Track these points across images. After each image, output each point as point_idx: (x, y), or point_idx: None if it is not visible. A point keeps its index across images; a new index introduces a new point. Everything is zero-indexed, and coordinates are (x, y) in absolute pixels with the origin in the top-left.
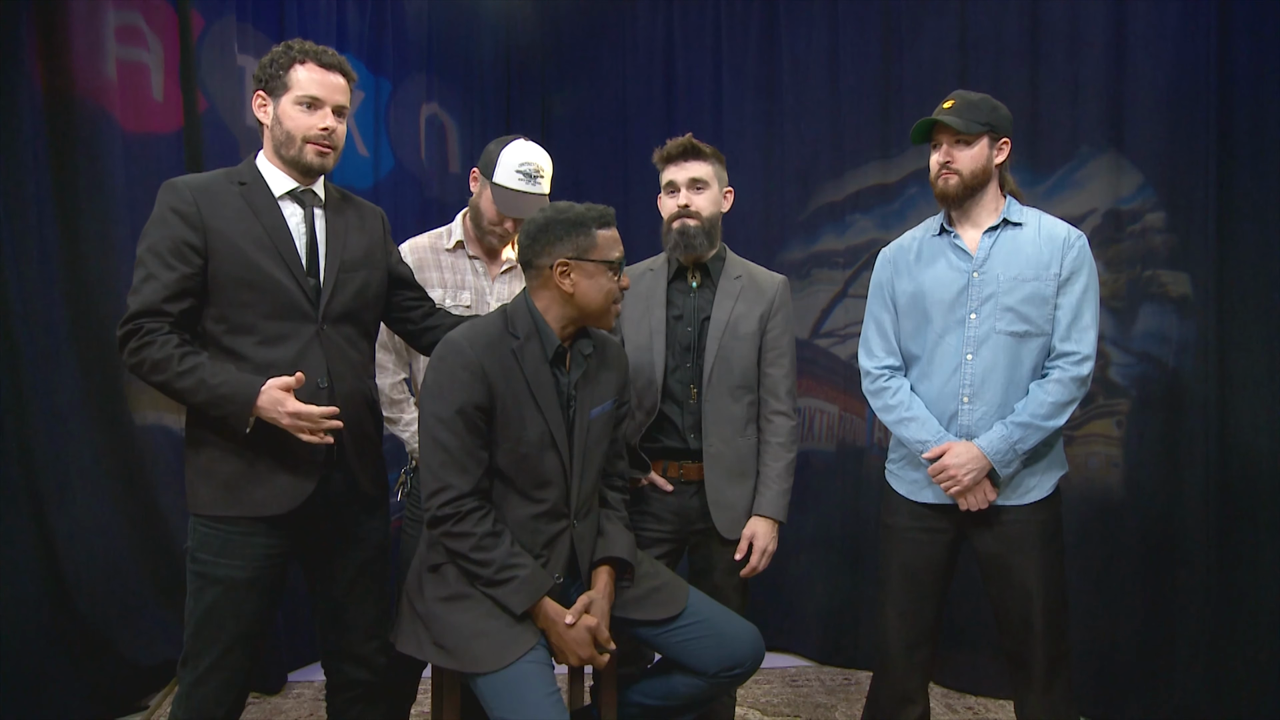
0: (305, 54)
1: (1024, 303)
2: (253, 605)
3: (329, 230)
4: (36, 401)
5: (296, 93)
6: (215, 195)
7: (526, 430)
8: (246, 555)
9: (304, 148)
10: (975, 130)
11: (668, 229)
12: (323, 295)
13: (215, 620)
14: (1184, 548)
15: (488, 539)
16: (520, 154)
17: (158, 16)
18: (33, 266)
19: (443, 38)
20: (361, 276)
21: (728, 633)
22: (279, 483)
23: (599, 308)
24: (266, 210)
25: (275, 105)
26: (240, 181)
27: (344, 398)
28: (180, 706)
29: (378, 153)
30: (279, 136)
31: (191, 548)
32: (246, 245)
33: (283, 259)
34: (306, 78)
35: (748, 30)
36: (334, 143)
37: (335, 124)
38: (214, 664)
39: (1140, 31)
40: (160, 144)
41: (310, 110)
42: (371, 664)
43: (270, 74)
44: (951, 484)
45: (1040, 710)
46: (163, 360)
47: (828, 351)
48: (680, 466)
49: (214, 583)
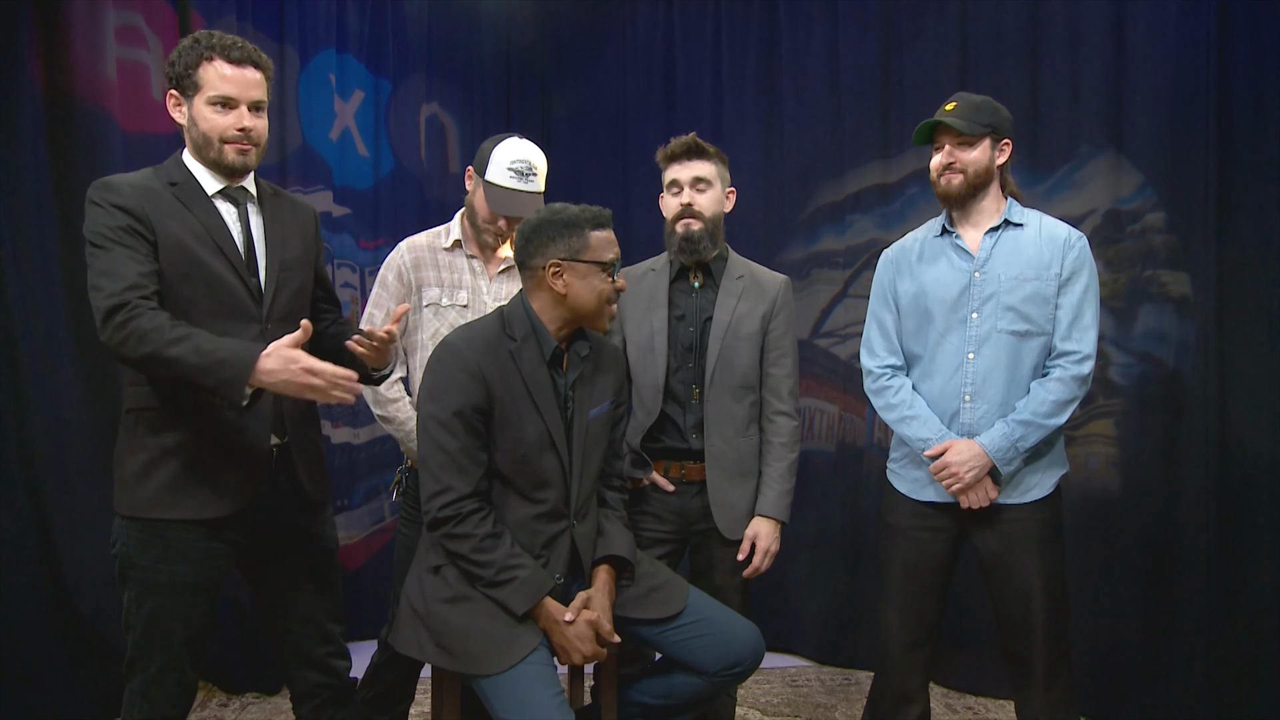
0: (213, 49)
1: (1025, 302)
2: (199, 608)
3: (266, 229)
4: (36, 401)
5: (209, 93)
6: (152, 192)
7: (525, 431)
8: (190, 559)
9: (223, 149)
10: (978, 132)
11: (671, 230)
12: (265, 295)
13: (161, 626)
14: (1183, 548)
15: (488, 540)
16: (512, 151)
17: (158, 16)
18: (33, 266)
19: (443, 38)
20: (299, 276)
21: (728, 631)
22: (223, 482)
23: (592, 309)
24: (202, 208)
25: (189, 105)
26: (170, 181)
27: (289, 400)
28: (135, 707)
29: (378, 153)
30: (196, 139)
31: (125, 552)
32: (190, 242)
33: (225, 256)
34: (216, 76)
35: (748, 30)
36: (255, 139)
37: (253, 121)
38: (165, 665)
39: (1140, 31)
40: (160, 144)
41: (225, 110)
42: (327, 667)
43: (180, 72)
44: (953, 481)
45: (1041, 709)
46: (153, 329)
47: (828, 351)
48: (682, 466)
49: (157, 589)
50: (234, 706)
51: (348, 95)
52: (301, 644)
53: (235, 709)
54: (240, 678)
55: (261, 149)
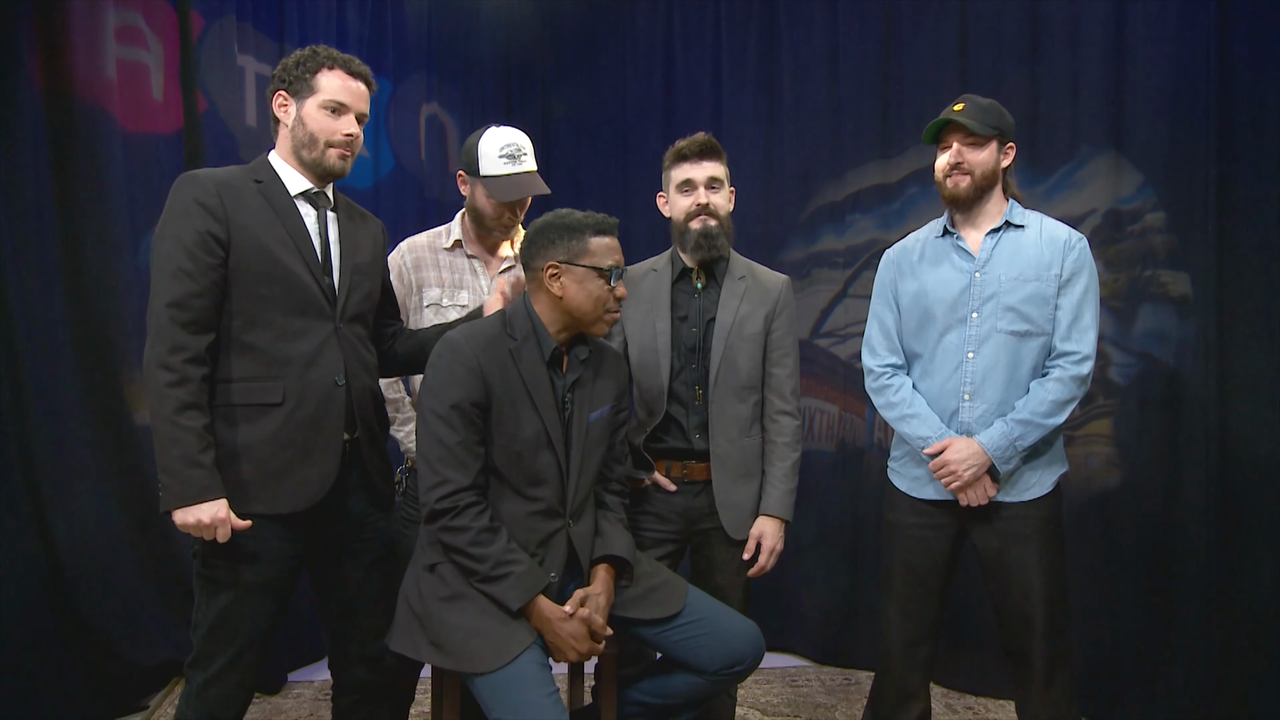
0: (334, 60)
1: (1025, 303)
2: (267, 608)
3: (341, 233)
4: (36, 401)
5: (323, 97)
6: (236, 189)
7: (522, 429)
8: (262, 557)
9: (327, 151)
10: (988, 133)
11: (684, 228)
12: (339, 295)
13: (230, 623)
14: (1183, 547)
15: (484, 534)
16: (498, 140)
17: (158, 16)
18: (33, 266)
19: (443, 38)
20: (369, 282)
21: (728, 630)
22: (298, 478)
23: (588, 313)
24: (285, 208)
25: (298, 106)
26: (256, 179)
27: (358, 395)
28: (190, 706)
29: (378, 153)
30: (301, 137)
31: (202, 550)
32: (268, 240)
33: (302, 256)
34: (335, 84)
35: (748, 30)
36: (355, 147)
37: (358, 130)
38: (226, 665)
39: (1140, 31)
40: (160, 144)
41: (336, 115)
42: (379, 665)
43: (296, 75)
44: (952, 479)
45: (1041, 708)
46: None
47: (828, 351)
48: (685, 466)
49: (228, 586)
50: None
51: None
52: (357, 639)
53: None
54: None
55: (353, 160)
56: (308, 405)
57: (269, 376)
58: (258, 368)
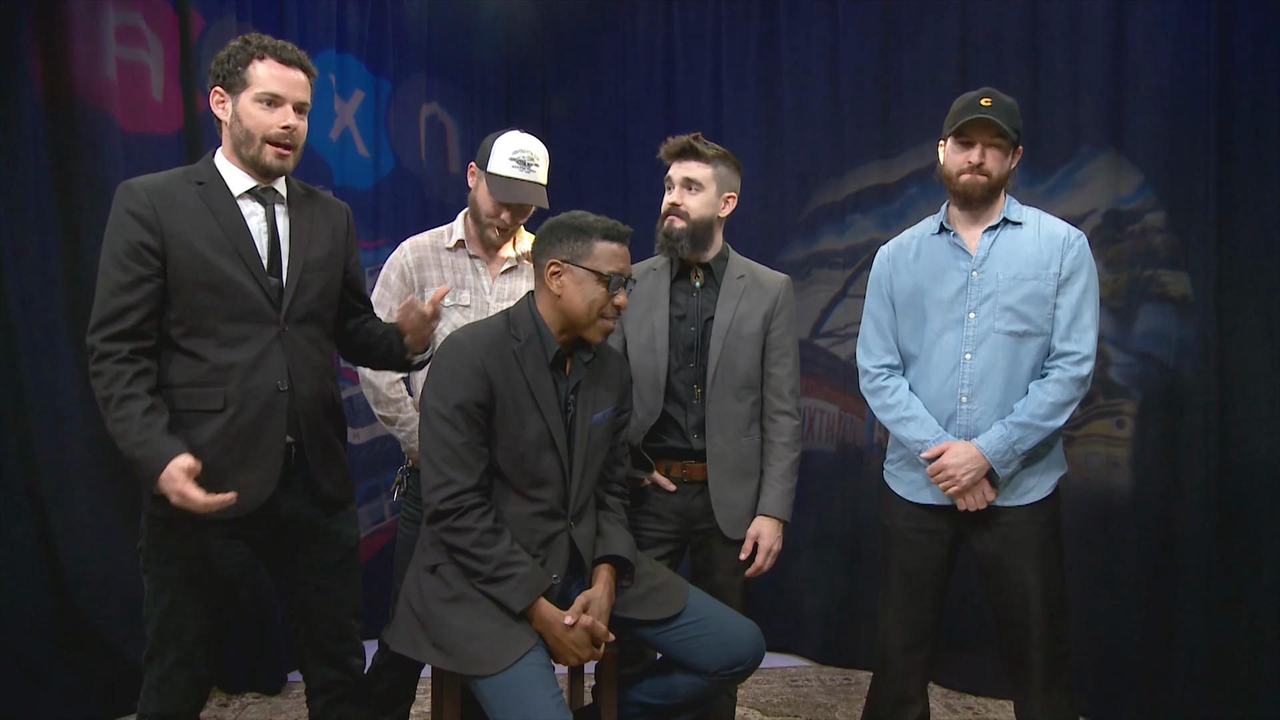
0: (264, 49)
1: (1023, 302)
2: (211, 606)
3: (292, 229)
4: (36, 401)
5: (256, 90)
6: (172, 196)
7: (525, 430)
8: (204, 557)
9: (263, 148)
10: (1013, 136)
11: (658, 225)
12: (285, 295)
13: (175, 621)
14: (1184, 547)
15: (488, 535)
16: (514, 143)
17: (158, 16)
18: (33, 266)
19: (443, 38)
20: (325, 277)
21: (728, 631)
22: (239, 483)
23: (582, 316)
24: (224, 210)
25: (234, 102)
26: (198, 181)
27: (304, 400)
28: (149, 700)
29: (378, 153)
30: (238, 134)
31: (145, 547)
32: (204, 247)
33: (242, 260)
34: (266, 74)
35: (748, 30)
36: (294, 141)
37: (296, 121)
38: (177, 662)
39: (1140, 31)
40: (160, 144)
41: (270, 108)
42: (345, 665)
43: (228, 69)
44: (950, 484)
45: (1040, 710)
46: (103, 399)
47: (828, 351)
48: (684, 466)
49: (172, 583)
50: (234, 706)
51: (348, 95)
52: (320, 640)
53: (235, 709)
54: (240, 678)
55: (298, 153)
56: (249, 411)
57: (210, 383)
58: (199, 374)
